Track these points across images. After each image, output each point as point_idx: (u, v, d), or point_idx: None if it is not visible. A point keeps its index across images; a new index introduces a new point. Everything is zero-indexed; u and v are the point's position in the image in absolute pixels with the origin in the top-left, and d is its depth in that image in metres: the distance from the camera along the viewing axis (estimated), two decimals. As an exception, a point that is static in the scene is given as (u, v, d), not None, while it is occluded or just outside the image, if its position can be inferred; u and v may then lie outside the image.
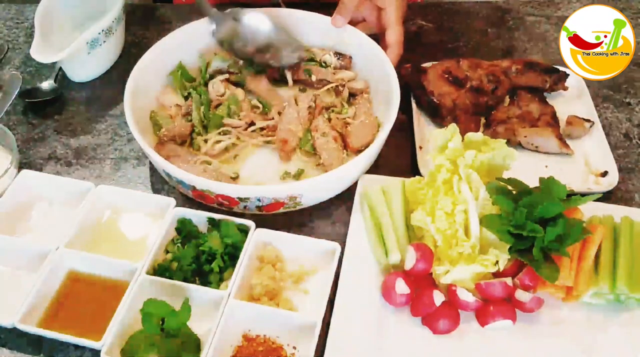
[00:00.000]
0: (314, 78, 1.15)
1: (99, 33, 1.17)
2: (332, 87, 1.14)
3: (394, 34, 1.14)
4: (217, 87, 1.13)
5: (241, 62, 1.17)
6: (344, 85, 1.15)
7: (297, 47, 1.17)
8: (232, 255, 0.92)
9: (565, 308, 0.90)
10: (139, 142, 0.98)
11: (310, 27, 1.20)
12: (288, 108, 1.10)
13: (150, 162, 1.07)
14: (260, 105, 1.12)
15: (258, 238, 0.94)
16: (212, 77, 1.16)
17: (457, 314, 0.88)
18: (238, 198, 0.95)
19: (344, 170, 0.99)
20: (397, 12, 1.15)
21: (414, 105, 1.14)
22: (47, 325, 0.86)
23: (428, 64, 1.18)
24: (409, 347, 0.87)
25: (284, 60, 1.16)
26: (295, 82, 1.17)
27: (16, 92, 1.16)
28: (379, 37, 1.19)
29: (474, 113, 1.12)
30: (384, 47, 1.14)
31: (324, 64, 1.18)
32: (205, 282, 0.90)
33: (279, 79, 1.18)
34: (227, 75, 1.16)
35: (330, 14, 1.17)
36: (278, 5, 1.24)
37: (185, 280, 0.89)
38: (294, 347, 0.86)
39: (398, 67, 1.12)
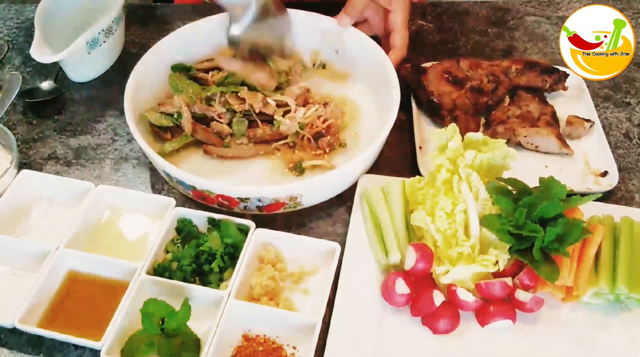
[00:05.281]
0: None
1: (99, 33, 1.17)
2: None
3: (400, 37, 1.14)
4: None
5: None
6: None
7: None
8: (232, 255, 0.92)
9: (565, 308, 0.90)
10: (139, 142, 0.98)
11: (310, 28, 1.20)
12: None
13: (150, 162, 1.07)
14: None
15: (258, 238, 0.94)
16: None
17: (457, 314, 0.88)
18: (238, 198, 0.95)
19: (344, 170, 0.99)
20: (403, 16, 1.15)
21: (414, 105, 1.14)
22: (47, 325, 0.86)
23: (428, 64, 1.18)
24: (409, 347, 0.87)
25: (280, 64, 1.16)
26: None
27: (16, 92, 1.16)
28: (379, 38, 1.19)
29: (474, 113, 1.12)
30: (387, 49, 1.14)
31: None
32: (205, 282, 0.90)
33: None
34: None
35: (328, 14, 1.18)
36: None
37: (185, 280, 0.89)
38: (294, 347, 0.86)
39: (398, 67, 1.12)
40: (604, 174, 1.05)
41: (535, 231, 0.85)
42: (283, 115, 1.08)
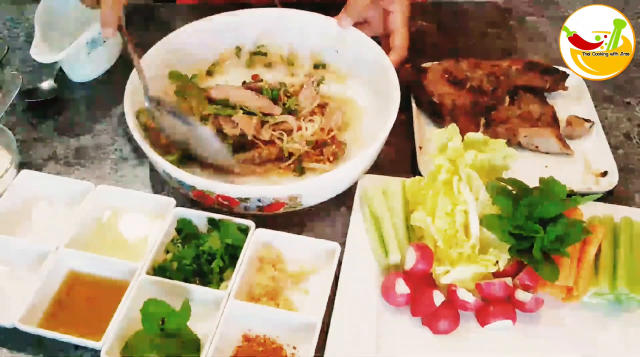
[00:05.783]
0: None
1: (99, 33, 1.17)
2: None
3: (400, 38, 1.14)
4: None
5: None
6: None
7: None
8: (232, 255, 0.92)
9: (565, 308, 0.90)
10: (139, 142, 0.98)
11: (310, 28, 1.20)
12: None
13: (150, 162, 1.07)
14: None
15: (258, 238, 0.94)
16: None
17: (457, 314, 0.88)
18: (238, 198, 0.95)
19: (344, 170, 0.99)
20: (403, 16, 1.15)
21: (414, 105, 1.14)
22: (47, 325, 0.86)
23: (428, 64, 1.18)
24: (409, 347, 0.87)
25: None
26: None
27: (16, 92, 1.16)
28: (379, 38, 1.19)
29: (474, 113, 1.12)
30: (387, 49, 1.14)
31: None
32: (205, 282, 0.90)
33: None
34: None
35: (328, 14, 1.18)
36: (274, 6, 1.24)
37: (185, 280, 0.89)
38: (294, 347, 0.86)
39: (398, 68, 1.12)
40: (604, 174, 1.05)
41: (536, 231, 0.85)
42: (287, 134, 1.07)
